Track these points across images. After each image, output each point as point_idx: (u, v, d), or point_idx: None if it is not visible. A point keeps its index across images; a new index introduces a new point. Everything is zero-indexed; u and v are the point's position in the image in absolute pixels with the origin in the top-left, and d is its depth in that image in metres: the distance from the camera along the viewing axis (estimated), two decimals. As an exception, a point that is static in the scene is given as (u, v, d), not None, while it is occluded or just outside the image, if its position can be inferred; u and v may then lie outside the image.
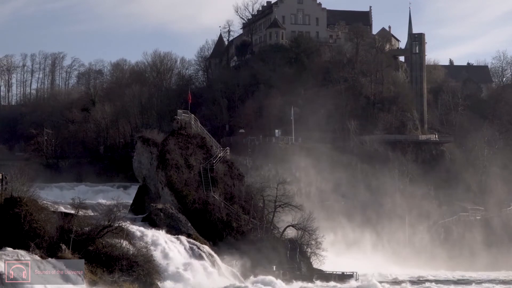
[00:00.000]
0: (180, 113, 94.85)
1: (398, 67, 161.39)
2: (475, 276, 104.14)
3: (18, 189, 65.11)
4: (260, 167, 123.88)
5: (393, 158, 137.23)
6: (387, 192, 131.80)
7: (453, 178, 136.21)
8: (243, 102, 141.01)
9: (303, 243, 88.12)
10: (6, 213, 62.39)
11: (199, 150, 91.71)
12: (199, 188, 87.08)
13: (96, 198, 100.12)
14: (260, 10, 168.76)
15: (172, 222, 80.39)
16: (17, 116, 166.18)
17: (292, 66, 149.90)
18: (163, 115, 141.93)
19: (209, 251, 78.12)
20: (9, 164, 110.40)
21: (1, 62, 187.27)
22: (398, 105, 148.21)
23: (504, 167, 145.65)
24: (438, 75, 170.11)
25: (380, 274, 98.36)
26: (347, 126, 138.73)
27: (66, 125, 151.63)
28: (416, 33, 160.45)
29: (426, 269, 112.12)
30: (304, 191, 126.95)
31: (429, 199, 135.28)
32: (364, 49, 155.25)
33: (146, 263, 66.60)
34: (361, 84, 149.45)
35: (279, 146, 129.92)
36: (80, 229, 65.77)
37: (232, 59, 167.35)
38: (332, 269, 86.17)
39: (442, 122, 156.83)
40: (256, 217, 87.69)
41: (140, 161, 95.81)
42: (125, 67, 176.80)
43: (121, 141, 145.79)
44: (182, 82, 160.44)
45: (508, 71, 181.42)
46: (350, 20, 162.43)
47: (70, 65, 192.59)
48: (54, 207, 71.42)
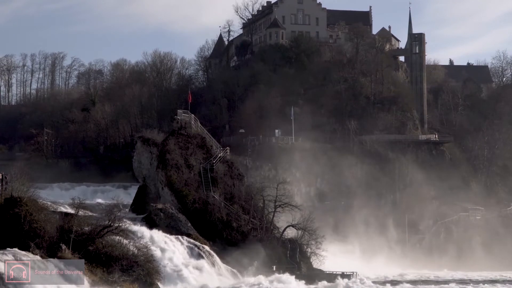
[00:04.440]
0: (180, 113, 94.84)
1: (398, 67, 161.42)
2: (476, 276, 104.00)
3: (18, 189, 65.12)
4: (260, 167, 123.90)
5: (393, 158, 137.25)
6: (387, 192, 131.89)
7: (453, 178, 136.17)
8: (243, 102, 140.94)
9: (303, 243, 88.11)
10: (6, 213, 62.44)
11: (199, 150, 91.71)
12: (199, 188, 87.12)
13: (96, 198, 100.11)
14: (260, 10, 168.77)
15: (172, 222, 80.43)
16: (17, 116, 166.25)
17: (292, 66, 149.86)
18: (163, 115, 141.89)
19: (209, 251, 78.17)
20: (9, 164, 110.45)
21: (1, 62, 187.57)
22: (398, 105, 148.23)
23: (504, 167, 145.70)
24: (438, 75, 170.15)
25: (380, 274, 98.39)
26: (347, 126, 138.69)
27: (66, 125, 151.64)
28: (416, 33, 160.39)
29: (426, 269, 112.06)
30: (304, 191, 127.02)
31: (429, 199, 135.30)
32: (364, 49, 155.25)
33: (146, 263, 66.63)
34: (361, 84, 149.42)
35: (279, 146, 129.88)
36: (80, 229, 65.78)
37: (232, 59, 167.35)
38: (332, 269, 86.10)
39: (442, 122, 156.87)
40: (256, 217, 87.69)
41: (140, 161, 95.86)
42: (125, 67, 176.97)
43: (121, 141, 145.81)
44: (182, 82, 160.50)
45: (508, 71, 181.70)
46: (350, 20, 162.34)
47: (70, 65, 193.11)
48: (54, 207, 71.53)
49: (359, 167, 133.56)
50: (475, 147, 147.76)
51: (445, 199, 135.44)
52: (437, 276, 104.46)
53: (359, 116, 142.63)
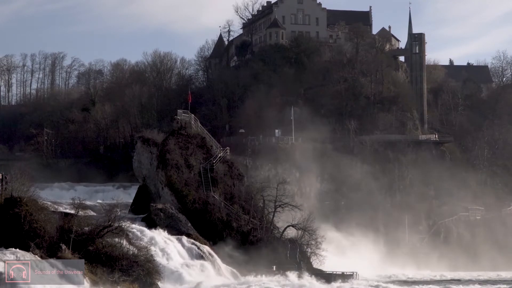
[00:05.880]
0: (180, 113, 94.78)
1: (398, 67, 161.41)
2: (476, 276, 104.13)
3: (18, 189, 65.02)
4: (260, 167, 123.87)
5: (393, 158, 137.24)
6: (387, 192, 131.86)
7: (453, 178, 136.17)
8: (243, 102, 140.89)
9: (303, 243, 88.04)
10: (6, 213, 62.36)
11: (199, 150, 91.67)
12: (199, 188, 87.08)
13: (96, 198, 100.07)
14: (260, 10, 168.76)
15: (172, 222, 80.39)
16: (17, 116, 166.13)
17: (292, 66, 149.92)
18: (163, 115, 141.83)
19: (209, 251, 78.12)
20: (9, 164, 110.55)
21: (1, 62, 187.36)
22: (398, 105, 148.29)
23: (504, 167, 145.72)
24: (438, 75, 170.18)
25: (380, 274, 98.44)
26: (347, 126, 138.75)
27: (66, 125, 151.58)
28: (416, 33, 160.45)
29: (426, 269, 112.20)
30: (304, 191, 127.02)
31: (429, 199, 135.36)
32: (364, 49, 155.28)
33: (146, 263, 66.52)
34: (361, 84, 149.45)
35: (279, 146, 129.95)
36: (80, 229, 65.66)
37: (232, 59, 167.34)
38: (332, 269, 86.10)
39: (442, 122, 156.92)
40: (256, 217, 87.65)
41: (140, 161, 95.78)
42: (125, 67, 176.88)
43: (121, 141, 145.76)
44: (182, 82, 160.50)
45: (508, 71, 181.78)
46: (350, 20, 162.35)
47: (70, 65, 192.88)
48: (54, 207, 71.45)
49: (359, 167, 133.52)
50: (475, 147, 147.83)
51: (445, 199, 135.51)
52: (437, 276, 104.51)
53: (359, 116, 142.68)
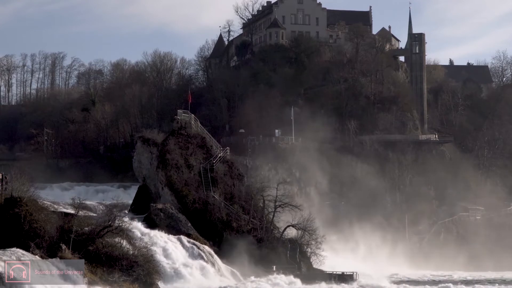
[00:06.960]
0: (180, 113, 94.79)
1: (398, 67, 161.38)
2: (476, 276, 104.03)
3: (18, 189, 65.05)
4: (260, 167, 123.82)
5: (393, 158, 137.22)
6: (387, 192, 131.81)
7: (453, 178, 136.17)
8: (243, 102, 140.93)
9: (303, 243, 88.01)
10: (6, 213, 62.40)
11: (199, 150, 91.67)
12: (199, 188, 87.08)
13: (96, 198, 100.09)
14: (260, 10, 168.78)
15: (172, 222, 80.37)
16: (17, 116, 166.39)
17: (292, 66, 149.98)
18: (163, 115, 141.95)
19: (209, 251, 78.13)
20: (9, 164, 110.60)
21: (1, 62, 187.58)
22: (398, 105, 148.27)
23: (504, 167, 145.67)
24: (438, 75, 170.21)
25: (380, 274, 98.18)
26: (347, 126, 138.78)
27: (66, 125, 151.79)
28: (416, 33, 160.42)
29: (426, 269, 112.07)
30: (304, 191, 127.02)
31: (429, 199, 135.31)
32: (364, 49, 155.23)
33: (146, 263, 66.55)
34: (361, 84, 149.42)
35: (279, 146, 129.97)
36: (80, 229, 65.69)
37: (232, 59, 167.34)
38: (332, 269, 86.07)
39: (442, 122, 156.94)
40: (256, 217, 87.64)
41: (140, 161, 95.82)
42: (125, 67, 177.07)
43: (121, 141, 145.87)
44: (182, 82, 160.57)
45: (508, 71, 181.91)
46: (350, 20, 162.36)
47: (70, 65, 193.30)
48: (54, 207, 71.44)
49: (359, 167, 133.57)
50: (475, 147, 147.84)
51: (445, 199, 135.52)
52: (437, 276, 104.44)
53: (359, 116, 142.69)
